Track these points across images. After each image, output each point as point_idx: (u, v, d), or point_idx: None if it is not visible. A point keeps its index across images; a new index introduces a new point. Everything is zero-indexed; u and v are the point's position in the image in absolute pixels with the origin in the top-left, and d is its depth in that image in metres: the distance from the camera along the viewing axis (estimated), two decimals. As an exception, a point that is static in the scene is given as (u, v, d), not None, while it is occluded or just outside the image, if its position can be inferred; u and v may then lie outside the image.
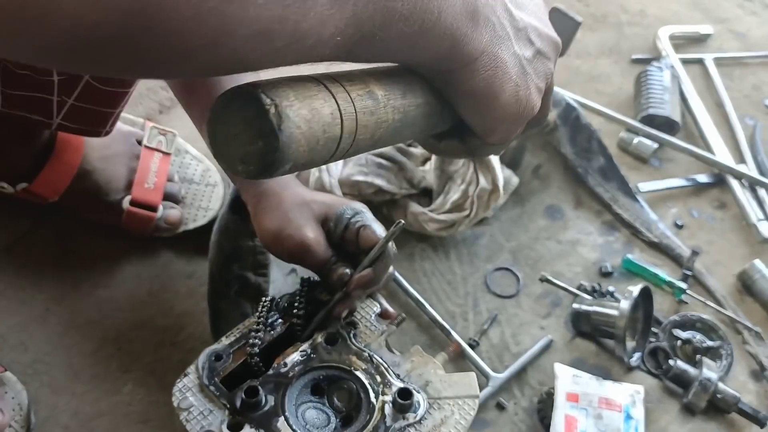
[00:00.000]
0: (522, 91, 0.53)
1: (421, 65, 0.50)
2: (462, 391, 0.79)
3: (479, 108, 0.53)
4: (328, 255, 0.83)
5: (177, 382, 0.77)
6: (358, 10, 0.39)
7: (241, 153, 0.41)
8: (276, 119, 0.39)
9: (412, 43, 0.45)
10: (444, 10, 0.45)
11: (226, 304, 0.99)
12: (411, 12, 0.43)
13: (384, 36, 0.43)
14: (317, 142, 0.42)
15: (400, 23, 0.42)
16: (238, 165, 0.42)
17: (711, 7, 1.81)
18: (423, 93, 0.51)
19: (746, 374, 1.12)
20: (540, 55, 0.55)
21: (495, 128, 0.55)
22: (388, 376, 0.78)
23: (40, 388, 1.00)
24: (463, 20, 0.47)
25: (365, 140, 0.46)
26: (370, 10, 0.40)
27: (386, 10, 0.41)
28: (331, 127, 0.42)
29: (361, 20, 0.40)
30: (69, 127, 0.95)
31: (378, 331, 0.84)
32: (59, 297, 1.09)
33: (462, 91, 0.51)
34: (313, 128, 0.41)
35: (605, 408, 1.01)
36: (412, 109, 0.50)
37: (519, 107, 0.54)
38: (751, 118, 1.55)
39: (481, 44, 0.49)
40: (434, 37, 0.46)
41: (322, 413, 0.77)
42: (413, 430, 0.75)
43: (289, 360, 0.79)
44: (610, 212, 1.31)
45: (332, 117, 0.42)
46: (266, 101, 0.40)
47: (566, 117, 1.30)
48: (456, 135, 0.58)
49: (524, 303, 1.17)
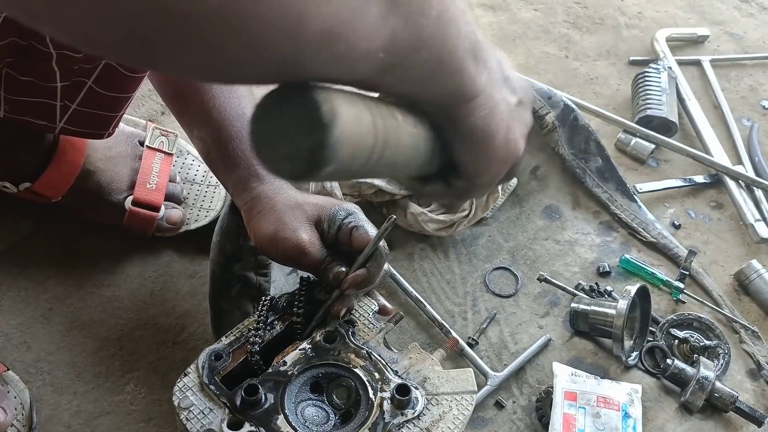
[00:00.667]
0: (512, 134, 0.56)
1: (429, 100, 0.51)
2: (459, 387, 0.80)
3: (475, 146, 0.54)
4: (323, 256, 0.84)
5: (177, 381, 0.77)
6: (397, 29, 0.41)
7: (288, 150, 0.41)
8: (330, 115, 0.39)
9: (429, 74, 0.47)
10: (457, 45, 0.47)
11: (227, 304, 1.00)
12: (434, 39, 0.44)
13: (410, 63, 0.44)
14: (357, 147, 0.42)
15: (424, 51, 0.44)
16: (283, 163, 0.41)
17: (708, 10, 1.83)
18: (428, 128, 0.53)
19: (743, 373, 1.13)
20: (521, 104, 0.58)
21: (486, 169, 0.56)
22: (386, 372, 0.79)
23: (43, 387, 1.00)
24: (470, 58, 0.49)
25: (385, 160, 0.46)
26: (404, 31, 0.41)
27: (416, 33, 0.43)
28: (368, 137, 0.43)
29: (397, 39, 0.41)
30: (72, 130, 0.96)
31: (376, 329, 0.85)
32: (62, 296, 1.10)
33: (461, 129, 0.53)
34: (356, 133, 0.42)
35: (603, 407, 1.02)
36: (422, 140, 0.52)
37: (509, 149, 0.56)
38: (747, 119, 1.56)
39: (481, 83, 0.51)
40: (447, 71, 0.47)
41: (322, 410, 0.78)
42: (412, 425, 0.75)
43: (289, 358, 0.79)
44: (607, 212, 1.32)
45: (369, 126, 0.43)
46: (321, 96, 0.40)
47: (564, 118, 1.31)
48: (441, 178, 0.59)
49: (523, 302, 1.18)
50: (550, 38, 1.71)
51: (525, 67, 1.62)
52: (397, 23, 0.41)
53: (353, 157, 0.42)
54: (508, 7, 1.78)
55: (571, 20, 1.76)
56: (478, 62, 0.50)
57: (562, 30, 1.73)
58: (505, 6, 1.78)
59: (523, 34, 1.71)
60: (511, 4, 1.79)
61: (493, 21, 1.74)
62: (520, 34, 1.71)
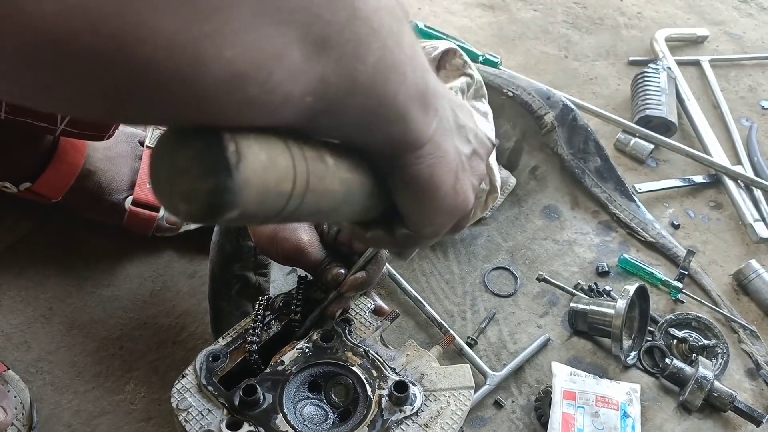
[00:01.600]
0: (460, 185, 0.54)
1: (371, 147, 0.49)
2: (457, 383, 0.80)
3: (419, 196, 0.52)
4: (322, 256, 0.84)
5: (175, 383, 0.77)
6: (327, 73, 0.38)
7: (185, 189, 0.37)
8: (234, 157, 0.36)
9: (367, 120, 0.44)
10: (400, 90, 0.44)
11: (227, 304, 1.00)
12: (372, 85, 0.42)
13: (345, 107, 0.42)
14: (267, 193, 0.38)
15: (361, 96, 0.42)
16: (179, 203, 0.37)
17: (707, 10, 1.83)
18: (367, 174, 0.50)
19: (742, 372, 1.13)
20: (475, 154, 0.56)
21: (430, 220, 0.54)
22: (383, 370, 0.79)
23: (43, 387, 1.01)
24: (416, 105, 0.46)
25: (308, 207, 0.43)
26: (336, 76, 0.39)
27: (350, 79, 0.40)
28: (284, 182, 0.40)
29: (328, 84, 0.39)
30: (72, 132, 0.96)
31: (373, 327, 0.85)
32: (62, 296, 1.10)
33: (405, 178, 0.50)
34: (267, 177, 0.38)
35: (602, 406, 1.02)
36: (357, 186, 0.49)
37: (456, 200, 0.54)
38: (746, 119, 1.56)
39: (429, 131, 0.49)
40: (389, 117, 0.45)
41: (320, 409, 0.78)
42: (410, 422, 0.76)
43: (286, 358, 0.79)
44: (606, 212, 1.32)
45: (287, 170, 0.40)
46: (227, 136, 0.36)
47: (563, 118, 1.31)
48: (384, 225, 0.56)
49: (522, 302, 1.18)
50: (549, 38, 1.71)
51: (524, 67, 1.62)
52: (326, 67, 0.38)
53: (262, 203, 0.39)
54: (508, 7, 1.78)
55: (571, 20, 1.76)
56: (427, 110, 0.48)
57: (562, 30, 1.74)
58: (504, 6, 1.78)
59: (522, 35, 1.71)
60: (510, 4, 1.79)
61: (492, 21, 1.74)
62: (520, 35, 1.71)
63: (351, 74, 0.40)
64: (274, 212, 0.41)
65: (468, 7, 1.77)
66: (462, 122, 0.55)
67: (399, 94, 0.44)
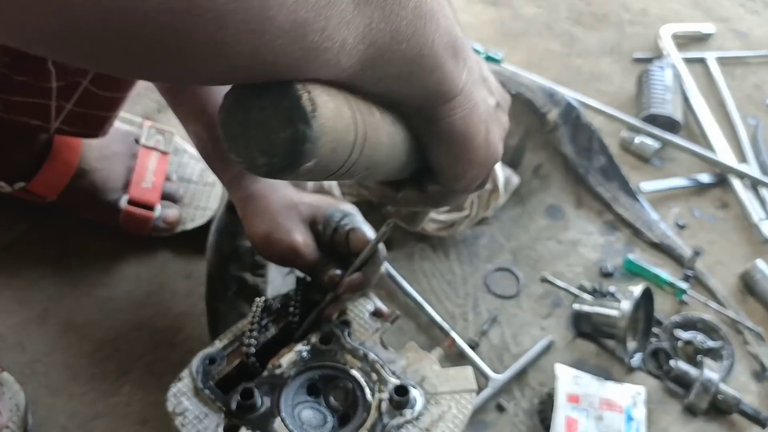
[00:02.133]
0: (491, 135, 0.54)
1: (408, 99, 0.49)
2: (459, 386, 0.79)
3: (454, 148, 0.52)
4: (318, 257, 0.83)
5: (171, 386, 0.77)
6: (374, 19, 0.39)
7: (265, 143, 0.38)
8: (309, 105, 0.37)
9: (408, 70, 0.45)
10: (435, 39, 0.45)
11: (224, 305, 0.99)
12: (413, 32, 0.43)
13: (391, 55, 0.42)
14: (338, 142, 0.40)
15: (403, 44, 0.42)
16: (259, 157, 0.38)
17: (712, 6, 1.81)
18: (406, 128, 0.51)
19: (747, 375, 1.12)
20: (499, 106, 0.57)
21: (464, 172, 0.54)
22: (383, 373, 0.78)
23: (38, 389, 1.00)
24: (449, 54, 0.47)
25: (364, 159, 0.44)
26: (382, 22, 0.40)
27: (394, 25, 0.41)
28: (349, 132, 0.41)
29: (376, 30, 0.40)
30: (67, 130, 0.96)
31: (372, 329, 0.84)
32: (58, 297, 1.09)
33: (440, 130, 0.51)
34: (337, 126, 0.39)
35: (606, 409, 1.01)
36: (400, 140, 0.50)
37: (489, 151, 0.54)
38: (753, 117, 1.55)
39: (461, 82, 0.49)
40: (427, 67, 0.46)
41: (319, 413, 0.77)
42: (411, 426, 0.74)
43: (284, 361, 0.78)
44: (610, 212, 1.30)
45: (350, 120, 0.41)
46: (298, 86, 0.37)
47: (567, 116, 1.30)
48: (415, 184, 0.57)
49: (524, 303, 1.17)
50: (552, 35, 1.70)
51: (527, 64, 1.60)
52: (373, 13, 0.39)
53: (334, 152, 0.40)
54: (511, 3, 1.77)
55: (574, 17, 1.75)
56: (458, 59, 0.48)
57: (565, 27, 1.72)
58: (507, 2, 1.77)
59: (525, 31, 1.70)
60: (513, 0, 1.78)
61: (495, 17, 1.72)
62: (523, 31, 1.70)
63: (394, 20, 0.41)
64: (340, 163, 0.41)
65: (470, 4, 1.76)
66: (485, 74, 0.55)
67: (435, 42, 0.45)
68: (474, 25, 1.70)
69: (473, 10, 1.75)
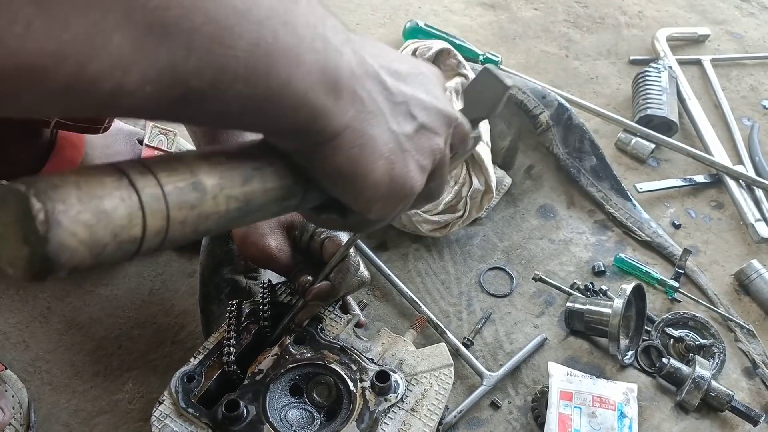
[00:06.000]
0: (398, 168, 0.49)
1: (277, 137, 0.46)
2: (436, 363, 0.80)
3: (346, 187, 0.48)
4: (292, 262, 0.83)
5: (153, 411, 0.76)
6: (177, 62, 0.35)
7: (9, 256, 0.36)
8: (43, 227, 0.34)
9: (258, 109, 0.41)
10: (295, 77, 0.40)
11: (217, 307, 1.00)
12: (250, 73, 0.38)
13: (221, 96, 0.38)
14: (104, 246, 0.37)
15: (237, 84, 0.38)
16: (7, 267, 0.37)
17: (708, 9, 1.82)
18: (275, 176, 0.47)
19: (739, 372, 1.12)
20: (424, 129, 0.51)
21: (369, 206, 0.50)
22: (362, 362, 0.79)
23: (41, 386, 1.01)
24: (321, 91, 0.42)
25: (186, 233, 0.42)
26: (193, 64, 0.36)
27: (217, 66, 0.37)
28: (127, 229, 0.38)
29: (181, 73, 0.36)
30: (67, 124, 0.96)
31: (344, 321, 0.85)
32: (61, 295, 1.11)
33: (324, 170, 0.46)
34: (97, 233, 0.36)
35: (599, 406, 1.02)
36: (258, 195, 0.46)
37: (394, 186, 0.49)
38: (748, 118, 1.55)
39: (344, 119, 0.44)
40: (287, 106, 0.41)
41: (305, 412, 0.78)
42: (396, 409, 0.76)
43: (263, 366, 0.79)
44: (602, 211, 1.31)
45: (128, 218, 0.38)
46: (35, 205, 0.34)
47: (558, 117, 1.31)
48: (335, 208, 0.53)
49: (518, 302, 1.18)
50: (550, 37, 1.71)
51: (525, 66, 1.62)
52: (174, 55, 0.35)
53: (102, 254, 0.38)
54: (509, 6, 1.78)
55: (572, 19, 1.76)
56: (339, 95, 0.43)
57: (563, 29, 1.73)
58: (505, 5, 1.78)
59: (523, 33, 1.71)
60: (511, 3, 1.79)
61: (493, 20, 1.74)
62: (521, 33, 1.71)
63: (216, 61, 0.37)
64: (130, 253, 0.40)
65: (469, 6, 1.77)
66: (401, 98, 0.49)
67: (292, 81, 0.41)
68: (472, 27, 1.71)
69: (472, 12, 1.76)
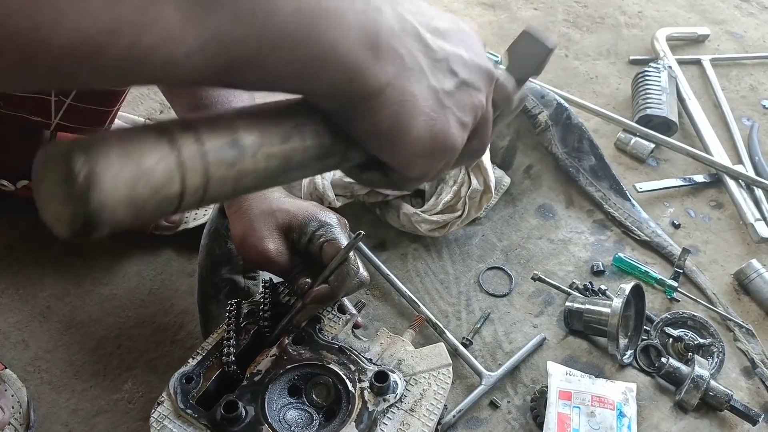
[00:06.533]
0: (439, 125, 0.49)
1: (319, 98, 0.46)
2: (435, 363, 0.80)
3: (387, 145, 0.48)
4: (291, 265, 0.83)
5: (152, 412, 0.76)
6: (223, 31, 0.36)
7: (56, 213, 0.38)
8: (85, 184, 0.36)
9: (301, 73, 0.41)
10: (337, 40, 0.41)
11: (215, 307, 1.00)
12: (294, 39, 0.39)
13: (263, 63, 0.39)
14: (144, 204, 0.38)
15: (281, 51, 0.39)
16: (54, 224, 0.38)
17: (708, 9, 1.82)
18: (315, 134, 0.47)
19: (738, 371, 1.12)
20: (465, 86, 0.50)
21: (411, 164, 0.50)
22: (360, 362, 0.79)
23: (41, 386, 1.01)
24: (363, 51, 0.43)
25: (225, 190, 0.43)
26: (238, 33, 0.37)
27: (262, 33, 0.37)
28: (166, 187, 0.39)
29: (227, 43, 0.37)
30: (67, 126, 0.96)
31: (342, 321, 0.85)
32: (60, 295, 1.11)
33: (365, 128, 0.47)
34: (136, 191, 0.38)
35: (598, 406, 1.02)
36: (298, 153, 0.46)
37: (435, 142, 0.49)
38: (747, 118, 1.55)
39: (385, 77, 0.45)
40: (329, 69, 0.42)
41: (304, 412, 0.77)
42: (395, 409, 0.76)
43: (262, 366, 0.79)
44: (601, 211, 1.31)
45: (168, 176, 0.39)
46: (77, 164, 0.36)
47: (557, 117, 1.31)
48: (377, 167, 0.53)
49: (517, 302, 1.18)
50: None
51: (524, 66, 1.62)
52: (221, 23, 0.36)
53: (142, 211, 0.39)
54: (508, 5, 1.78)
55: (571, 19, 1.76)
56: (380, 55, 0.44)
57: (562, 29, 1.73)
58: (505, 5, 1.78)
59: (523, 34, 1.71)
60: (510, 2, 1.79)
61: (492, 20, 1.74)
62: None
63: (259, 27, 0.37)
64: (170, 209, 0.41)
65: (468, 6, 1.77)
66: (441, 54, 0.49)
67: (338, 43, 0.41)
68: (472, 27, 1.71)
69: (471, 12, 1.76)
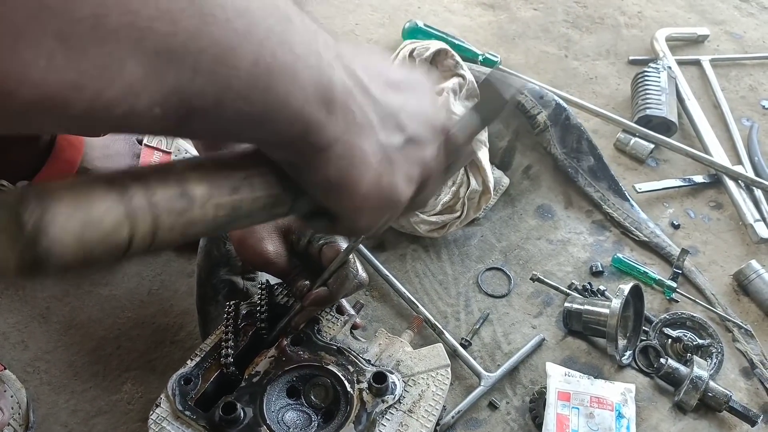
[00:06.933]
0: (386, 179, 0.50)
1: (272, 148, 0.47)
2: (433, 364, 0.80)
3: (335, 196, 0.49)
4: (290, 266, 0.84)
5: (150, 414, 0.76)
6: (183, 84, 0.37)
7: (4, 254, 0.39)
8: (31, 234, 0.37)
9: (256, 124, 0.43)
10: (292, 93, 0.42)
11: (214, 308, 1.00)
12: (250, 92, 0.40)
13: (221, 114, 0.40)
14: (91, 251, 0.40)
15: (238, 102, 0.40)
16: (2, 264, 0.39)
17: (708, 9, 1.82)
18: (265, 185, 0.49)
19: (737, 372, 1.12)
20: (413, 140, 0.52)
21: (357, 215, 0.51)
22: (359, 363, 0.79)
23: (40, 386, 1.01)
24: (315, 105, 0.44)
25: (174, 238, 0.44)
26: (198, 86, 0.38)
27: (220, 86, 0.39)
28: (113, 235, 0.41)
29: (187, 95, 0.38)
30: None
31: (341, 322, 0.85)
32: (60, 295, 1.11)
33: (315, 180, 0.48)
34: (85, 239, 0.39)
35: (597, 406, 1.01)
36: (247, 203, 0.48)
37: (382, 196, 0.51)
38: (747, 119, 1.55)
39: (335, 132, 0.46)
40: (282, 121, 0.43)
41: (303, 413, 0.77)
42: (394, 410, 0.76)
43: (260, 368, 0.79)
44: (600, 212, 1.31)
45: (116, 225, 0.40)
46: (25, 214, 0.37)
47: (556, 117, 1.31)
48: (325, 216, 0.53)
49: (516, 302, 1.18)
50: (549, 37, 1.71)
51: (524, 66, 1.62)
52: (180, 77, 0.37)
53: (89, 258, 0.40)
54: (508, 6, 1.78)
55: (571, 20, 1.76)
56: (332, 109, 0.45)
57: (562, 29, 1.73)
58: (505, 5, 1.78)
59: (522, 34, 1.71)
60: (510, 3, 1.79)
61: (492, 20, 1.74)
62: (520, 34, 1.71)
63: (219, 81, 0.39)
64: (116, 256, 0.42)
65: (468, 6, 1.77)
66: (390, 110, 0.50)
67: (292, 97, 0.42)
68: (472, 27, 1.71)
69: (471, 12, 1.76)
